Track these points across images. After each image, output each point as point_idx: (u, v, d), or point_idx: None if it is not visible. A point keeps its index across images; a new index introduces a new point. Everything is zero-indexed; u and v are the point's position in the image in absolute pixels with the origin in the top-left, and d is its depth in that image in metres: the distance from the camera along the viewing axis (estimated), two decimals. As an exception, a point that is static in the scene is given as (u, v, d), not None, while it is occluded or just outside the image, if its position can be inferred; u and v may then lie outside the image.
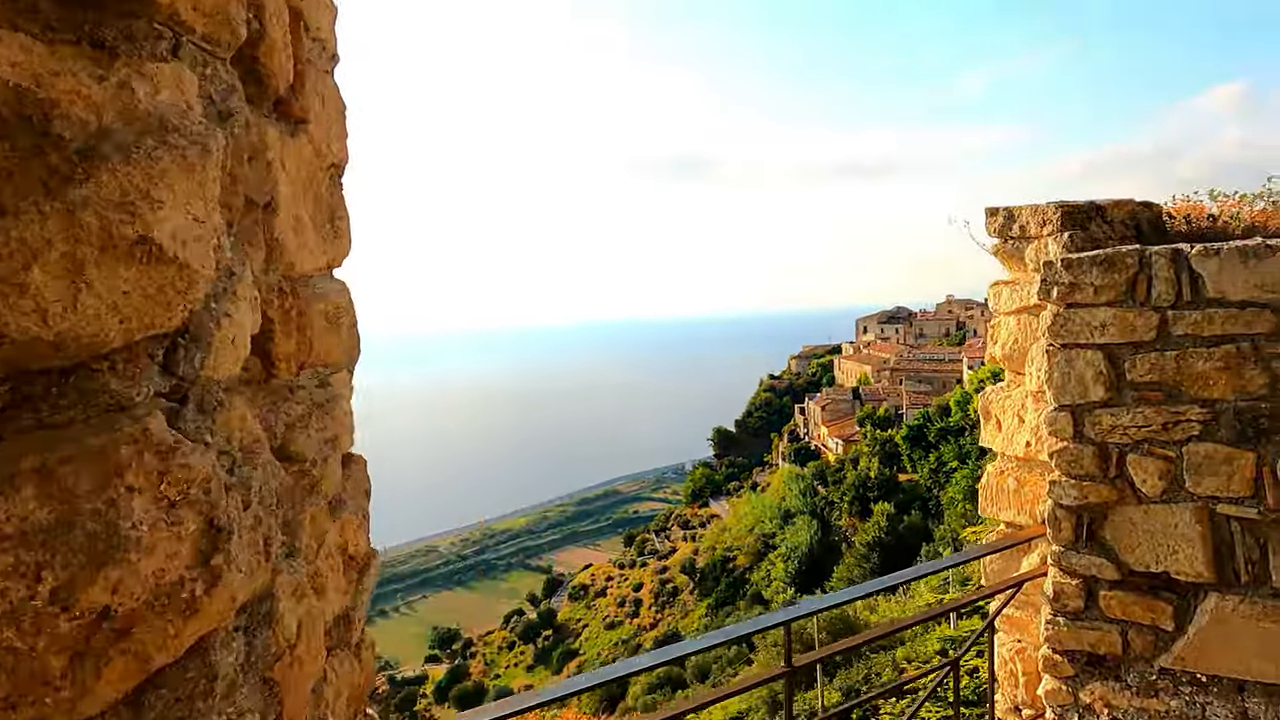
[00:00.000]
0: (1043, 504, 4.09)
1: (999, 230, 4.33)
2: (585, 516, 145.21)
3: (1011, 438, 4.46)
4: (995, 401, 4.57)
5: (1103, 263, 3.52)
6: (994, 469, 4.64)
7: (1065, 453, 3.67)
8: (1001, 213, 4.31)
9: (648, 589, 78.74)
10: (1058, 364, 3.66)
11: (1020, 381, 4.43)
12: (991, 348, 4.61)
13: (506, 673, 79.10)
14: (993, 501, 4.60)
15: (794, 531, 65.83)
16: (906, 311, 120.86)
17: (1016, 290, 4.33)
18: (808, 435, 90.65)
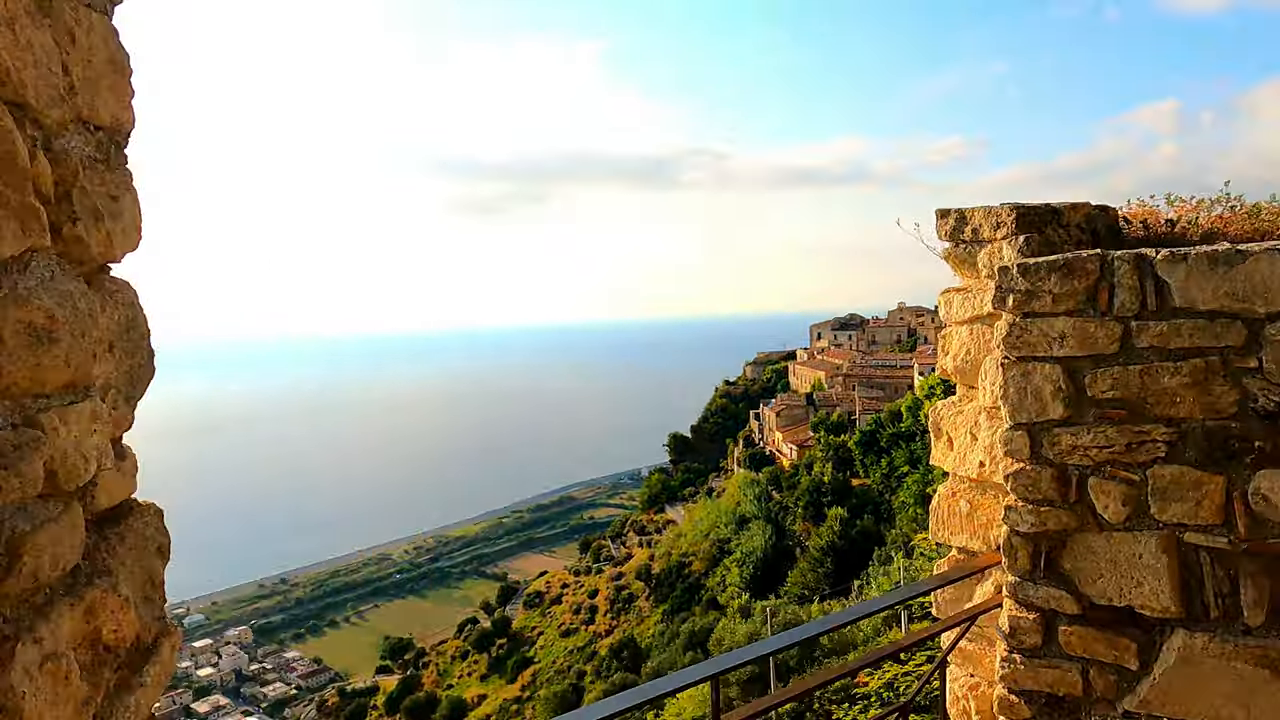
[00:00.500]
0: (997, 529, 3.79)
1: (950, 234, 4.06)
2: (541, 523, 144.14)
3: (964, 457, 4.17)
4: (946, 417, 4.29)
5: (1061, 268, 3.24)
6: (945, 490, 4.34)
7: (1021, 475, 3.39)
8: (953, 215, 4.03)
9: (603, 596, 78.16)
10: (1013, 378, 3.38)
11: (973, 396, 4.15)
12: (942, 359, 4.35)
13: (460, 683, 77.88)
14: (944, 525, 4.30)
15: (749, 537, 65.87)
16: (859, 318, 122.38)
17: (969, 298, 4.05)
18: (763, 441, 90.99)
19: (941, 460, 4.34)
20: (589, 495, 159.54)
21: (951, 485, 4.31)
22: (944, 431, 4.31)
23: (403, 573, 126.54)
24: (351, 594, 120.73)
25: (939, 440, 4.36)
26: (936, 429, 4.35)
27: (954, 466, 4.27)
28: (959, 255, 4.06)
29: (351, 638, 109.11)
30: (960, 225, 4.00)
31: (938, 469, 4.44)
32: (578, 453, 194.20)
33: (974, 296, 4.01)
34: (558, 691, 62.92)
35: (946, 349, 4.29)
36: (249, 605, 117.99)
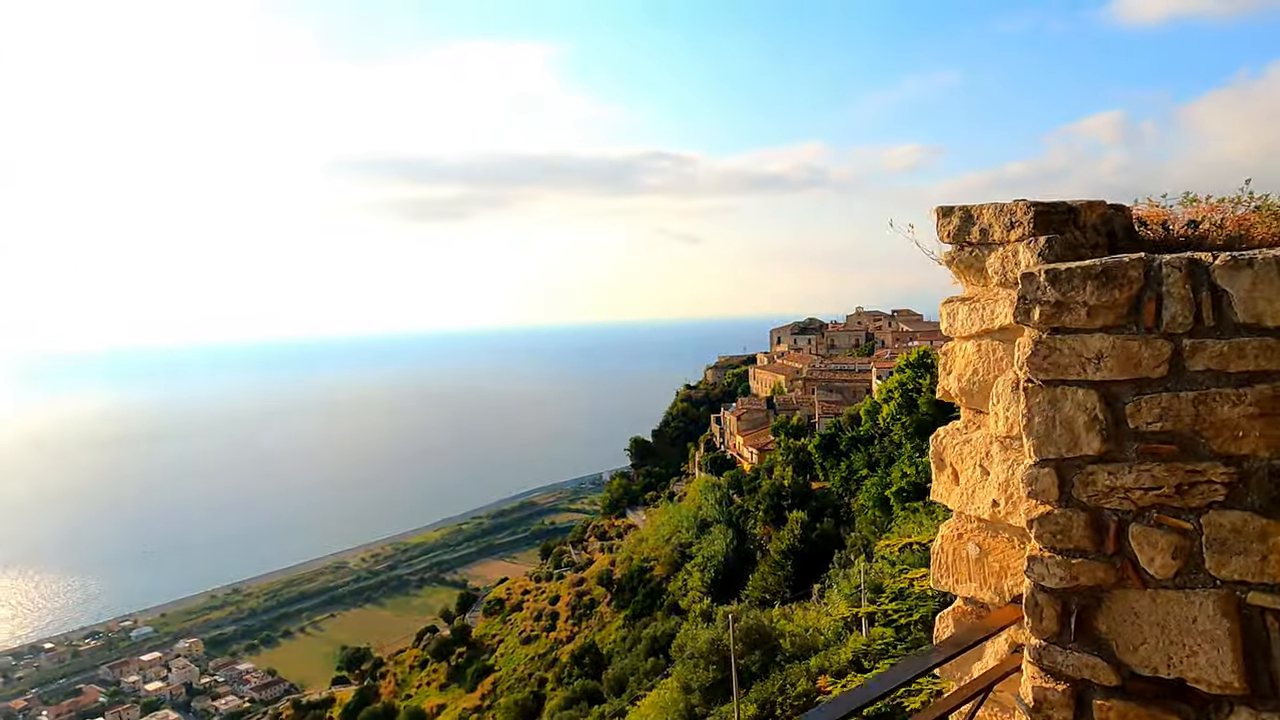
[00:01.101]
0: (1012, 578, 3.32)
1: (953, 235, 3.55)
2: (501, 529, 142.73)
3: (973, 493, 3.60)
4: (951, 447, 3.71)
5: (1099, 276, 2.72)
6: (949, 530, 3.76)
7: (1049, 520, 2.88)
8: (956, 214, 3.52)
9: (564, 602, 77.44)
10: (1039, 406, 2.88)
11: (982, 422, 3.61)
12: (944, 379, 3.76)
13: (419, 692, 76.60)
14: (948, 571, 3.72)
15: (710, 541, 65.67)
16: (819, 322, 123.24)
17: (977, 309, 3.50)
18: (724, 445, 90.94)
19: (945, 496, 3.75)
20: (550, 500, 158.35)
21: (957, 525, 3.73)
22: (948, 463, 3.72)
23: (360, 581, 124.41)
24: (307, 603, 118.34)
25: (941, 473, 3.77)
26: (939, 460, 3.77)
27: (960, 504, 3.68)
28: (964, 260, 3.55)
29: (307, 648, 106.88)
30: (966, 226, 3.49)
31: (940, 504, 3.84)
32: (539, 457, 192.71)
33: (983, 307, 3.48)
34: (518, 700, 62.01)
35: (949, 367, 3.72)
36: (200, 616, 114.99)
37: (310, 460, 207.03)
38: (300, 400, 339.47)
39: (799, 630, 32.86)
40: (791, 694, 23.11)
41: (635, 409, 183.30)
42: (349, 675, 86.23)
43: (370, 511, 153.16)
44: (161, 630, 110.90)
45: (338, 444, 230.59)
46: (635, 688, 47.95)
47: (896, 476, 51.13)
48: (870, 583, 29.65)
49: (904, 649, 11.02)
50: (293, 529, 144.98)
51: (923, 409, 52.47)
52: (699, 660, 30.15)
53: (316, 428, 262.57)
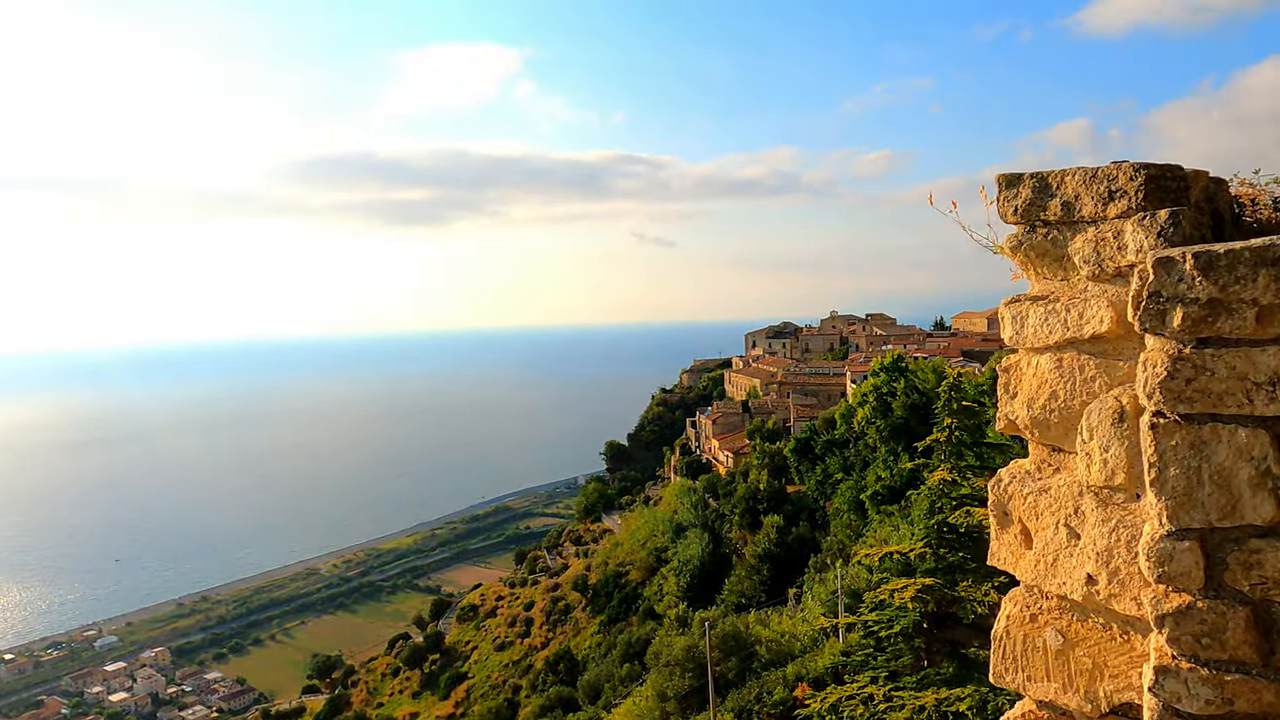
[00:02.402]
0: (1112, 681, 2.52)
1: (1022, 211, 2.71)
2: (475, 534, 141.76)
3: (1054, 562, 2.69)
4: (1020, 496, 2.79)
5: (1275, 262, 1.96)
6: (1017, 608, 2.85)
7: (1189, 617, 2.13)
8: (1027, 183, 2.68)
9: (539, 607, 77.01)
10: (1176, 452, 2.13)
11: (1064, 464, 2.71)
12: (1008, 405, 2.82)
13: (390, 700, 75.79)
14: (1015, 664, 2.83)
15: (686, 545, 65.67)
16: (793, 326, 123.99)
17: (1056, 311, 2.65)
18: (699, 448, 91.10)
19: (1010, 562, 2.85)
20: (525, 505, 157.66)
21: (1030, 602, 2.80)
22: (1015, 518, 2.80)
23: (332, 587, 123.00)
24: (277, 610, 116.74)
25: (1005, 530, 2.84)
26: (1001, 513, 2.86)
27: (1035, 575, 2.76)
28: (1036, 245, 2.71)
29: (277, 656, 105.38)
30: (1040, 199, 2.65)
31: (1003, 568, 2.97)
32: (513, 462, 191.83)
33: (1066, 309, 2.63)
34: (492, 707, 61.60)
35: (1013, 388, 2.81)
36: (167, 625, 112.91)
37: (281, 465, 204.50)
38: (271, 403, 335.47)
39: (775, 636, 32.92)
40: (769, 702, 23.15)
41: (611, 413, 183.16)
42: (320, 684, 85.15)
43: (343, 517, 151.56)
44: (127, 639, 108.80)
45: (310, 448, 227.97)
46: (611, 694, 47.79)
47: (871, 480, 51.52)
48: (846, 588, 29.80)
49: (884, 660, 11.09)
50: (264, 535, 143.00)
51: (897, 413, 52.94)
52: (675, 668, 30.06)
53: (288, 431, 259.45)
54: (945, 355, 70.98)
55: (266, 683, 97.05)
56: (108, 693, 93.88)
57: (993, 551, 2.92)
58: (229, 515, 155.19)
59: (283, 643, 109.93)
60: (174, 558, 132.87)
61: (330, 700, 76.47)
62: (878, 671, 11.57)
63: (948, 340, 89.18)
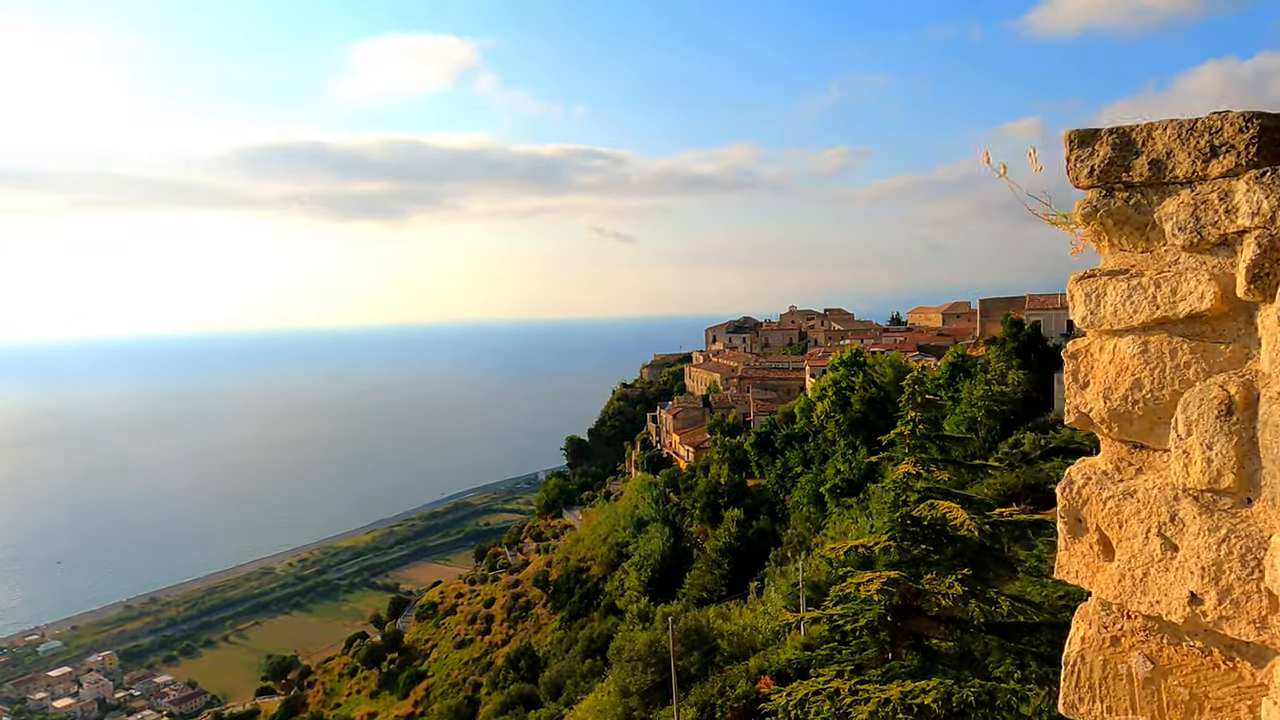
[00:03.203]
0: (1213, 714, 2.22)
1: (1099, 172, 2.35)
2: (434, 530, 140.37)
3: (1143, 577, 2.33)
4: (1098, 501, 2.40)
5: None
6: (1093, 629, 2.46)
7: None
8: (1106, 140, 2.33)
9: (500, 604, 76.56)
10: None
11: (1149, 463, 2.38)
12: (1077, 396, 2.46)
13: (348, 701, 74.76)
14: (1090, 693, 2.44)
15: (647, 540, 65.79)
16: (753, 321, 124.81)
17: (1142, 288, 2.31)
18: (660, 443, 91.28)
19: (1084, 575, 2.45)
20: (484, 501, 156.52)
21: (1108, 622, 2.42)
22: (1092, 525, 2.42)
23: (286, 586, 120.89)
24: (230, 611, 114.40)
25: (1078, 539, 2.46)
26: (1073, 520, 2.46)
27: (1116, 591, 2.38)
28: (1116, 211, 2.36)
29: (230, 657, 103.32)
30: (1123, 156, 2.31)
31: (1073, 582, 2.57)
32: (473, 457, 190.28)
33: (1156, 284, 2.30)
34: (452, 706, 61.09)
35: (1085, 377, 2.46)
36: (114, 628, 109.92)
37: (233, 462, 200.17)
38: (222, 400, 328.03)
39: (737, 630, 33.04)
40: (731, 696, 23.20)
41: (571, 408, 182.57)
42: (274, 685, 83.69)
43: (297, 515, 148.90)
44: (72, 644, 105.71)
45: (263, 445, 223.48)
46: (572, 690, 47.63)
47: (830, 473, 52.11)
48: (808, 580, 30.01)
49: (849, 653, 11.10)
50: (215, 534, 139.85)
51: (856, 407, 53.56)
52: (637, 663, 29.97)
53: (241, 428, 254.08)
54: (902, 350, 72.01)
55: (219, 685, 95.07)
56: (52, 699, 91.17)
57: (1061, 564, 2.52)
58: (178, 515, 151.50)
59: (236, 644, 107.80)
60: (120, 559, 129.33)
61: (286, 701, 75.13)
62: (843, 665, 11.58)
63: (904, 335, 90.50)
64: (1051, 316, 67.02)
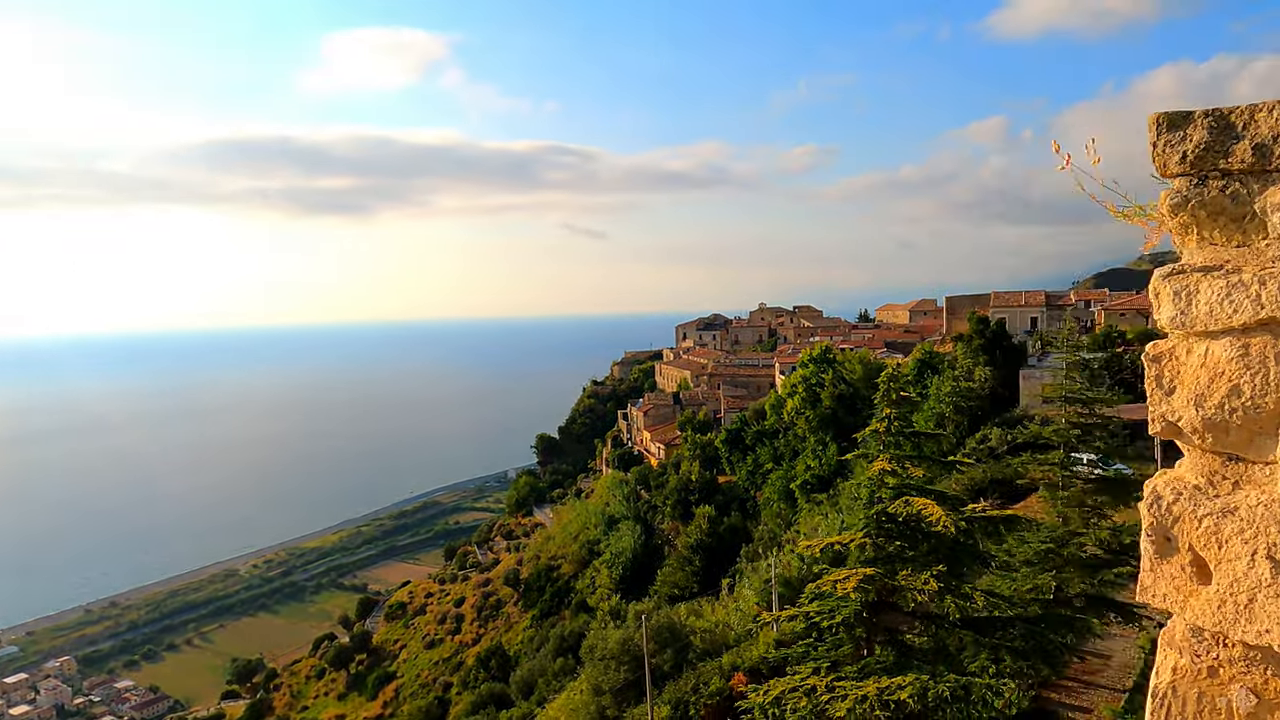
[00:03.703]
0: None
1: (1193, 159, 2.15)
2: (403, 530, 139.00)
3: (1248, 602, 2.09)
4: (1192, 519, 2.19)
5: None
6: (1185, 658, 2.21)
7: None
8: (1200, 124, 2.14)
9: (470, 603, 76.06)
10: None
11: (1247, 477, 2.17)
12: (1163, 403, 2.24)
13: (315, 703, 73.82)
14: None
15: (618, 537, 65.75)
16: (723, 318, 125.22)
17: (1242, 284, 2.11)
18: (631, 440, 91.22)
19: (1174, 598, 2.21)
20: (454, 500, 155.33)
21: (1202, 651, 2.19)
22: (1184, 544, 2.19)
23: (251, 588, 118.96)
24: (193, 614, 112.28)
25: (1168, 560, 2.23)
26: (1162, 537, 2.24)
27: (1214, 618, 2.14)
28: (1210, 201, 2.16)
29: (194, 661, 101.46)
30: (1221, 141, 2.11)
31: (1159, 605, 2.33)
32: (442, 456, 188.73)
33: (1261, 281, 2.09)
34: (422, 706, 60.56)
35: (1171, 382, 2.24)
36: (73, 632, 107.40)
37: (196, 462, 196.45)
38: (186, 398, 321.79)
39: (709, 626, 33.08)
40: (705, 693, 23.19)
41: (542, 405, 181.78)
42: (240, 688, 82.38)
43: (262, 516, 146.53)
44: (29, 649, 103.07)
45: (227, 444, 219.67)
46: (544, 689, 47.43)
47: (801, 469, 52.46)
48: (780, 576, 30.13)
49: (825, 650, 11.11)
50: (176, 536, 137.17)
51: (826, 403, 53.96)
52: (610, 661, 29.87)
53: (204, 427, 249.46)
54: (870, 347, 72.70)
55: (182, 689, 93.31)
56: (8, 706, 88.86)
57: (1144, 585, 2.27)
58: (138, 517, 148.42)
59: (200, 647, 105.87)
60: (79, 563, 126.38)
61: (252, 705, 73.94)
62: (819, 662, 11.59)
63: (872, 332, 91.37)
64: (1015, 314, 68.11)
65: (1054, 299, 73.38)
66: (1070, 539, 17.65)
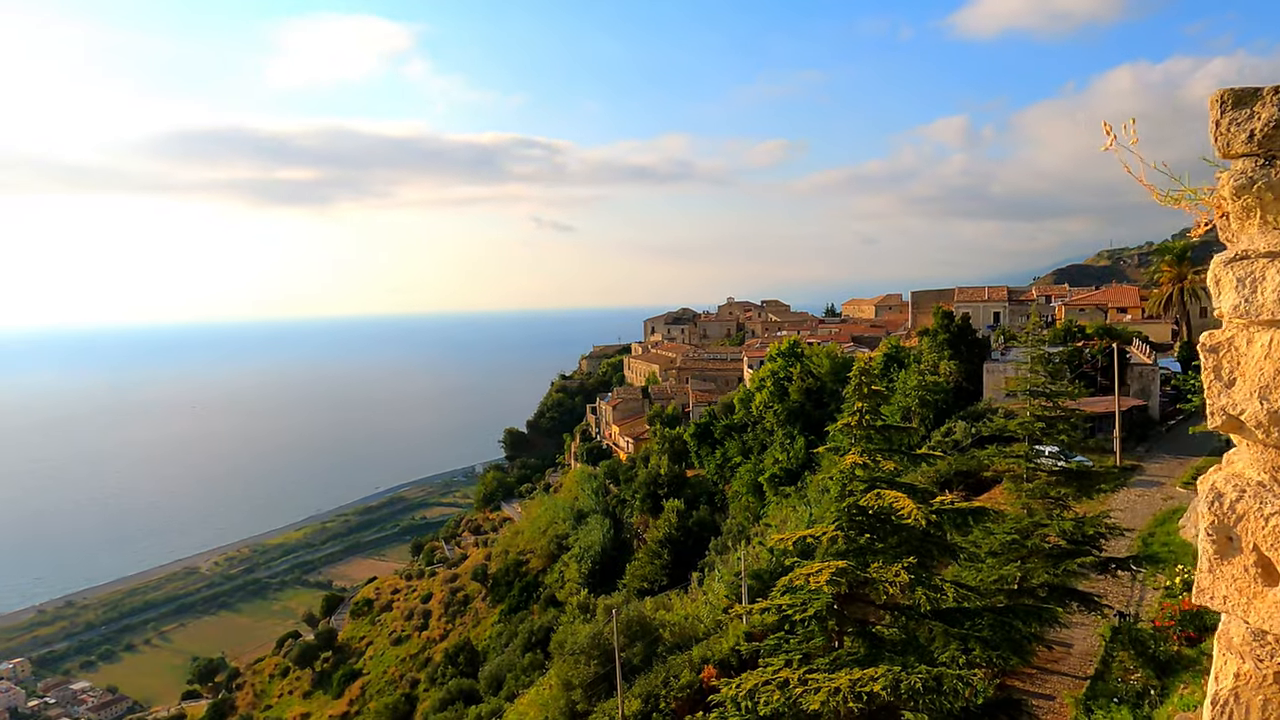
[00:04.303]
0: None
1: (1262, 137, 2.01)
2: (369, 526, 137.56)
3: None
4: (1258, 517, 2.06)
5: None
6: (1248, 664, 2.09)
7: None
8: (1271, 98, 2.00)
9: (437, 599, 75.52)
10: None
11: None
12: (1222, 396, 2.12)
13: (280, 702, 72.84)
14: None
15: (587, 531, 65.66)
16: (691, 313, 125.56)
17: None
18: (600, 435, 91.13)
19: (1235, 600, 2.09)
20: (420, 495, 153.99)
21: (1267, 655, 2.08)
22: (1249, 544, 2.06)
23: (213, 586, 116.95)
24: (153, 613, 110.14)
25: (1229, 561, 2.09)
26: (1224, 537, 2.11)
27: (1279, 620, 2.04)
28: (1276, 182, 2.03)
29: (153, 661, 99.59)
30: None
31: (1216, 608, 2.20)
32: (409, 451, 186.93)
33: None
34: (389, 703, 60.00)
35: (1231, 374, 2.11)
36: (26, 633, 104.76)
37: (155, 460, 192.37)
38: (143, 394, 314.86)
39: (679, 620, 33.16)
40: (675, 686, 23.23)
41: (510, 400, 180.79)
42: (201, 688, 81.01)
43: (225, 513, 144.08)
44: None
45: (188, 441, 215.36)
46: (513, 685, 47.26)
47: (769, 463, 52.76)
48: (750, 569, 30.28)
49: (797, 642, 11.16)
50: (136, 535, 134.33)
51: (794, 397, 54.32)
52: (580, 656, 29.82)
53: (164, 424, 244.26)
54: (837, 341, 73.31)
55: (142, 690, 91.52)
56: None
57: (1201, 587, 2.14)
58: (95, 515, 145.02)
59: (159, 647, 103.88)
60: (32, 563, 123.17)
61: (214, 705, 72.75)
62: (791, 654, 11.65)
63: (839, 326, 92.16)
64: (979, 309, 69.16)
65: (1016, 294, 74.68)
66: (1034, 530, 17.96)
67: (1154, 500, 29.94)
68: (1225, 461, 2.19)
